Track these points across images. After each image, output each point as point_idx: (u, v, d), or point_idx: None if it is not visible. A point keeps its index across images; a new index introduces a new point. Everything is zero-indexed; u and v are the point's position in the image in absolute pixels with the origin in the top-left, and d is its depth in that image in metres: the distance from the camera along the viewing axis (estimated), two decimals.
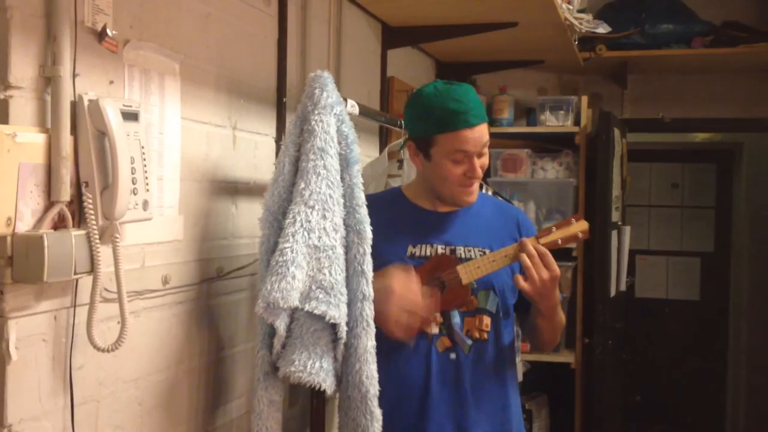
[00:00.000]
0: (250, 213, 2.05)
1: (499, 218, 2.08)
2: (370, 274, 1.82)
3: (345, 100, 1.97)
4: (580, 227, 1.96)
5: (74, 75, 1.39)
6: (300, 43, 2.39)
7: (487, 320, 1.96)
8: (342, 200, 1.83)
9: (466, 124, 1.89)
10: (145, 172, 1.52)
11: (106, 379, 1.56)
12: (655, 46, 3.96)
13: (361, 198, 1.86)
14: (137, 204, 1.50)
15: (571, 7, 3.22)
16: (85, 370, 1.50)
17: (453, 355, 1.94)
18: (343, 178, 1.85)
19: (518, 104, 4.11)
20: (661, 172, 5.47)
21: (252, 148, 2.13)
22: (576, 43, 3.55)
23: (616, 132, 3.85)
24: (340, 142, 1.85)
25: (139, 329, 1.65)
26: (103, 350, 1.47)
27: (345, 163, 1.86)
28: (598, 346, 3.72)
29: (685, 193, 5.47)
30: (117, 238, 1.46)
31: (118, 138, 1.41)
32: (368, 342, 1.80)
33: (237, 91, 2.03)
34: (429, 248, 1.97)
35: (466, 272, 1.92)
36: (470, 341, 1.95)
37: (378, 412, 1.81)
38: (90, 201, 1.40)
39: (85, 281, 1.44)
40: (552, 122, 3.92)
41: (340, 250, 1.81)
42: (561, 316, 2.04)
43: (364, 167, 2.49)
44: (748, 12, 4.12)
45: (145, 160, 1.52)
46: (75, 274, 1.37)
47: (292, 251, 1.73)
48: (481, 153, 1.93)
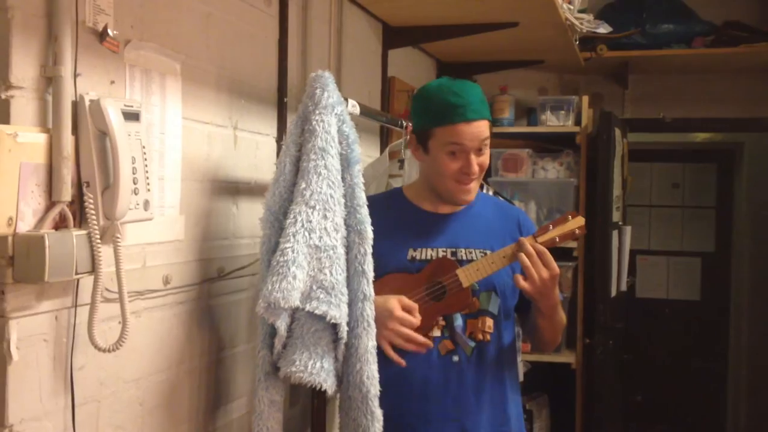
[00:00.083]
0: (251, 213, 2.05)
1: (500, 219, 2.08)
2: (371, 274, 1.82)
3: (346, 100, 1.97)
4: (576, 223, 1.96)
5: (75, 75, 1.40)
6: (301, 43, 2.39)
7: (489, 322, 1.96)
8: (343, 200, 1.83)
9: (462, 118, 1.89)
10: (146, 172, 1.52)
11: (107, 379, 1.56)
12: (655, 46, 3.96)
13: (362, 198, 1.85)
14: (138, 204, 1.50)
15: (571, 7, 3.22)
16: (86, 370, 1.50)
17: (456, 358, 1.94)
18: (344, 178, 1.85)
19: (519, 104, 4.11)
20: (661, 172, 5.47)
21: (253, 148, 2.13)
22: (577, 43, 3.55)
23: (617, 132, 3.85)
24: (341, 142, 1.85)
25: (140, 329, 1.65)
26: (104, 350, 1.47)
27: (346, 163, 1.86)
28: (599, 346, 3.72)
29: (685, 193, 5.46)
30: (118, 238, 1.46)
31: (120, 138, 1.41)
32: (369, 342, 1.80)
33: (238, 91, 2.03)
34: (430, 251, 1.97)
35: (466, 275, 1.91)
36: (473, 343, 1.95)
37: (379, 413, 1.81)
38: (91, 201, 1.40)
39: (86, 281, 1.44)
40: (553, 122, 3.91)
41: (341, 250, 1.81)
42: (561, 315, 2.04)
43: (365, 167, 2.49)
44: (748, 12, 4.11)
45: (146, 160, 1.52)
46: (76, 274, 1.37)
47: (293, 251, 1.72)
48: (480, 150, 1.93)
